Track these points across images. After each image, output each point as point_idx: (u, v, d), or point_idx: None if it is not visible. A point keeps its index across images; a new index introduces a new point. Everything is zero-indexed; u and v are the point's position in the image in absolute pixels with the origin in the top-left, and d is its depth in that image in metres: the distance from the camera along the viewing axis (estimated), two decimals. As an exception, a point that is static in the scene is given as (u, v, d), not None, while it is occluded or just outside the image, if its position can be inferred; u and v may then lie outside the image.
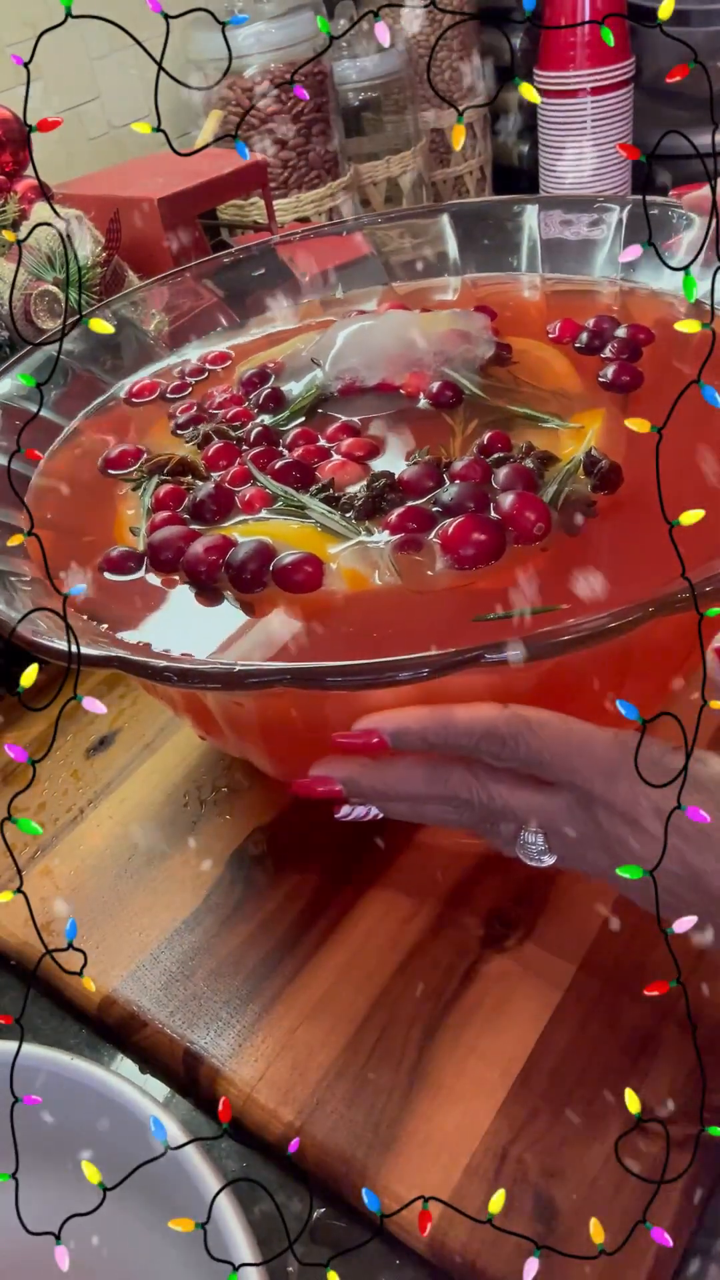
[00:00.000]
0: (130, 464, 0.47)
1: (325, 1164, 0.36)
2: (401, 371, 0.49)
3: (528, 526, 0.37)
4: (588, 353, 0.50)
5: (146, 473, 0.45)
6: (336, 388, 0.49)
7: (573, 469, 0.40)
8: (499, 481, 0.40)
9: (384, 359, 0.49)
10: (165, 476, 0.44)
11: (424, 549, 0.38)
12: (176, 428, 0.49)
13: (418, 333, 0.50)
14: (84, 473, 0.48)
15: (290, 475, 0.42)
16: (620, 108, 1.05)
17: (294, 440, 0.46)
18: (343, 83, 1.05)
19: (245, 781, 0.51)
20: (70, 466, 0.49)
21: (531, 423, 0.45)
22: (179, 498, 0.43)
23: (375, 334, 0.50)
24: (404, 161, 1.09)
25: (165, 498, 0.43)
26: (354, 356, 0.49)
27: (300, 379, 0.51)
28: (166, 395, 0.54)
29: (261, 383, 0.51)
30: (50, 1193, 0.30)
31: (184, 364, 0.56)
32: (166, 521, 0.41)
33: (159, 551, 0.39)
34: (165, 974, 0.43)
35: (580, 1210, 0.33)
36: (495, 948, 0.41)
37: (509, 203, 0.61)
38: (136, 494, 0.45)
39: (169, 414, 0.51)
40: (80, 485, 0.47)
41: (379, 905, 0.44)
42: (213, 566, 0.38)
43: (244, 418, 0.49)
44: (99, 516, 0.44)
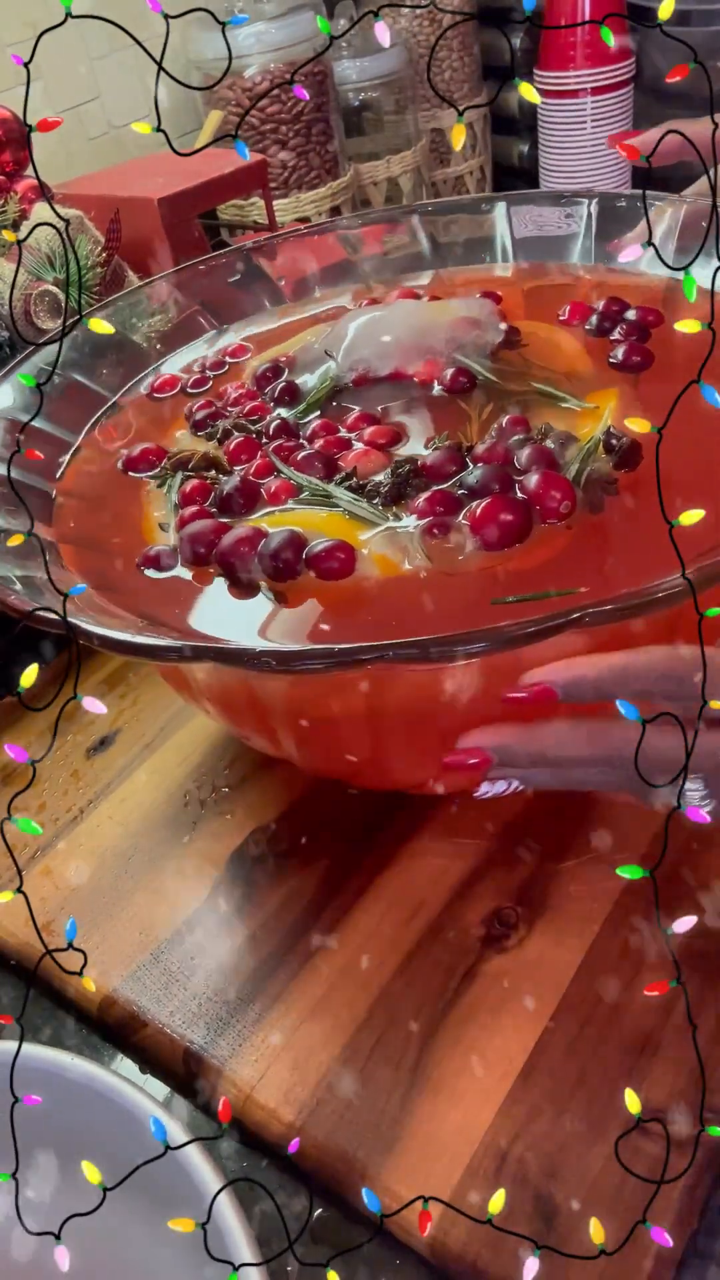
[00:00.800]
0: (152, 462, 0.47)
1: (325, 1164, 0.36)
2: (414, 360, 0.49)
3: (554, 505, 0.38)
4: (598, 335, 0.51)
5: (170, 470, 0.46)
6: (350, 379, 0.49)
7: (592, 448, 0.41)
8: (521, 463, 0.41)
9: (396, 348, 0.49)
10: (189, 473, 0.45)
11: (452, 531, 0.38)
12: (195, 425, 0.50)
13: (428, 321, 0.51)
14: (107, 474, 0.48)
15: (313, 466, 0.43)
16: (620, 108, 1.05)
17: (314, 432, 0.46)
18: (343, 83, 1.04)
19: (245, 781, 0.51)
20: (99, 464, 0.49)
21: (548, 403, 0.45)
22: (205, 493, 0.43)
23: (386, 324, 0.51)
24: (404, 161, 1.09)
25: (191, 493, 0.43)
26: (366, 347, 0.50)
27: (312, 371, 0.51)
28: (188, 389, 0.54)
29: (275, 377, 0.51)
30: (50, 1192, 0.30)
31: (203, 359, 0.57)
32: (195, 516, 0.41)
33: (190, 545, 0.39)
34: (165, 974, 0.43)
35: (580, 1210, 0.33)
36: (495, 948, 0.41)
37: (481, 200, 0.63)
38: (162, 491, 0.45)
39: (186, 412, 0.51)
40: (105, 487, 0.47)
41: (379, 905, 0.44)
42: (245, 557, 0.38)
43: (261, 412, 0.49)
44: (127, 517, 0.45)
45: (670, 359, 0.47)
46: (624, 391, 0.45)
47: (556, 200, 0.60)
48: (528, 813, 0.46)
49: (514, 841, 0.45)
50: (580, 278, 0.58)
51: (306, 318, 0.60)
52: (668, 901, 0.28)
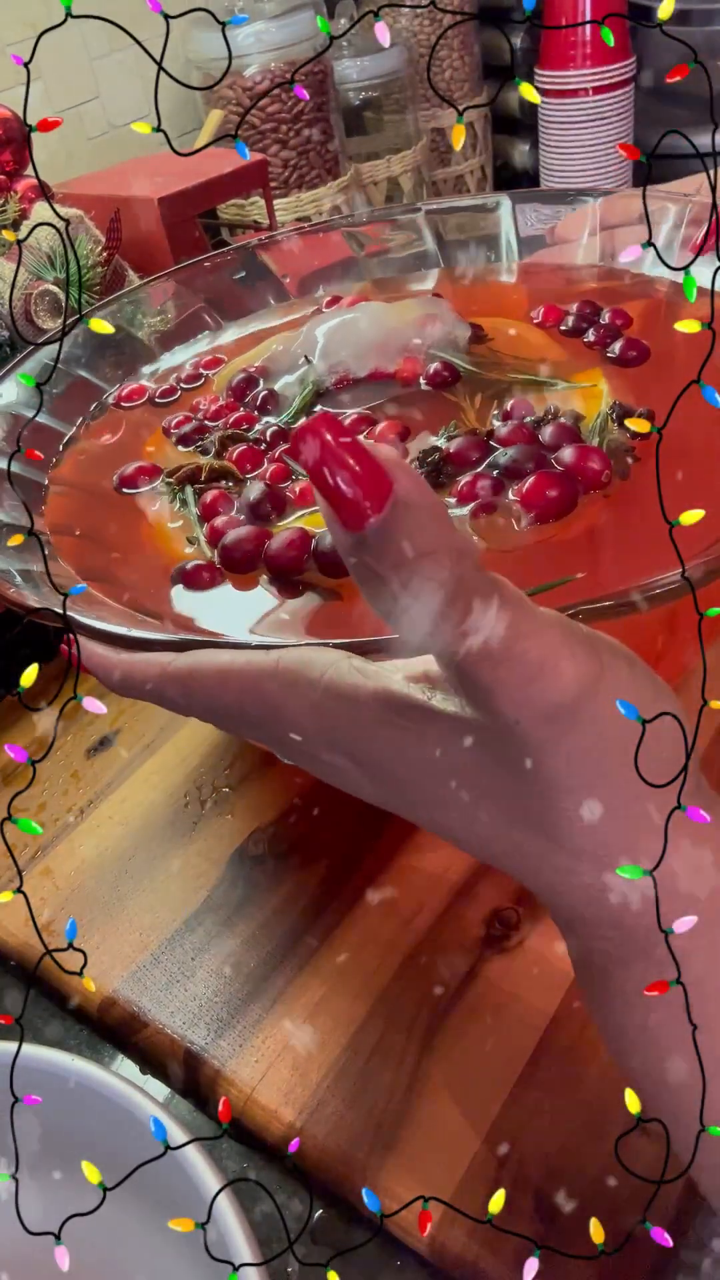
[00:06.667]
0: (146, 481, 0.46)
1: (325, 1164, 0.36)
2: (391, 358, 0.49)
3: (595, 474, 0.39)
4: (573, 335, 0.51)
5: (178, 484, 0.44)
6: (330, 381, 0.49)
7: (604, 420, 0.42)
8: (546, 440, 0.41)
9: (371, 349, 0.49)
10: (203, 484, 0.44)
11: (498, 510, 0.39)
12: (181, 440, 0.49)
13: (396, 320, 0.51)
14: (99, 489, 0.47)
15: None
16: (620, 108, 1.05)
17: None
18: (343, 83, 1.04)
19: (245, 781, 0.51)
20: (80, 479, 0.48)
21: (537, 388, 0.46)
22: (227, 502, 0.43)
23: (357, 326, 0.51)
24: (404, 161, 1.08)
25: (214, 503, 0.42)
26: (342, 350, 0.50)
27: (287, 379, 0.51)
28: (155, 400, 0.53)
29: (250, 387, 0.51)
30: (50, 1193, 0.30)
31: (178, 369, 0.56)
32: (229, 525, 0.40)
33: (232, 552, 0.39)
34: (166, 974, 0.43)
35: (580, 1210, 0.33)
36: (495, 948, 0.41)
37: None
38: (173, 506, 0.44)
39: (164, 428, 0.50)
40: (96, 503, 0.46)
41: (380, 905, 0.44)
42: (296, 559, 0.38)
43: (247, 421, 0.48)
44: (123, 532, 0.44)
45: (661, 353, 0.48)
46: (607, 371, 0.47)
47: (561, 198, 0.60)
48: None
49: (514, 841, 0.45)
50: (580, 276, 0.58)
51: (302, 317, 0.60)
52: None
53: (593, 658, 0.23)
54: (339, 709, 0.25)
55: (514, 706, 0.22)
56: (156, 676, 0.29)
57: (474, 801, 0.25)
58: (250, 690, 0.26)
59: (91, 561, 0.41)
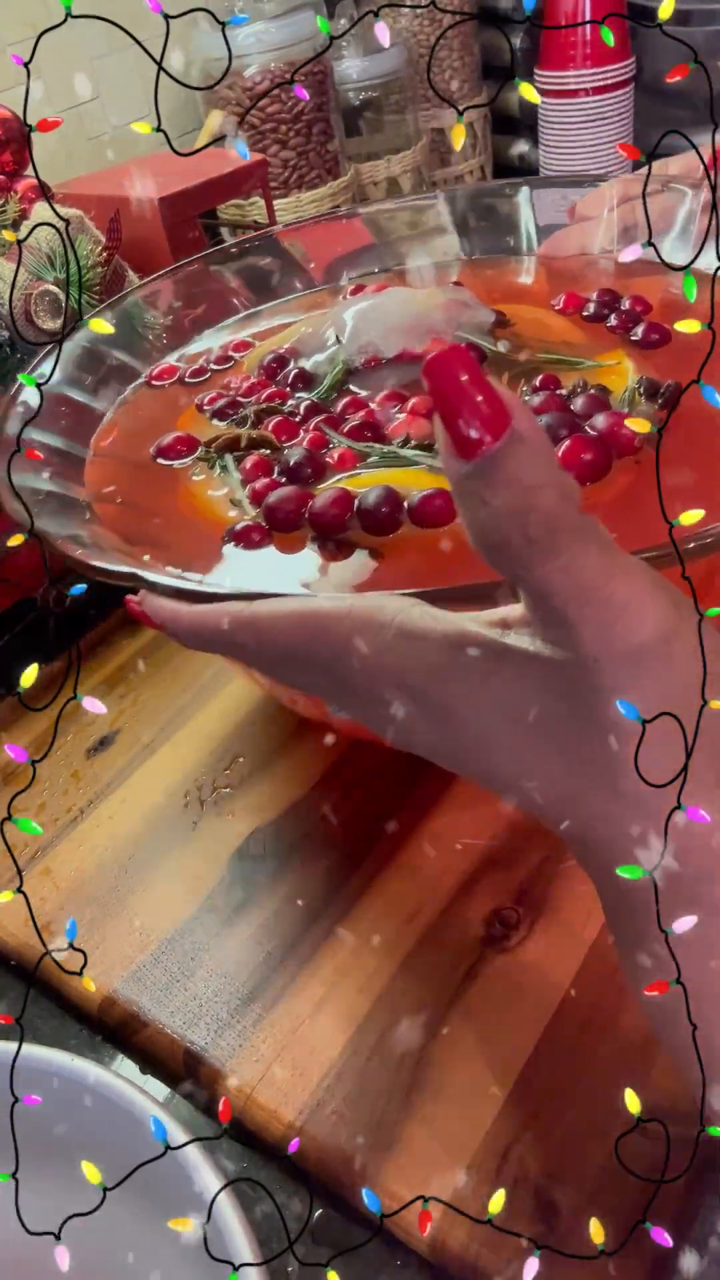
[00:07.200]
0: (183, 451, 0.48)
1: (325, 1164, 0.36)
2: (419, 340, 0.51)
3: (628, 441, 0.40)
4: (594, 320, 0.53)
5: (217, 452, 0.46)
6: (360, 361, 0.51)
7: (631, 394, 0.43)
8: (578, 409, 0.43)
9: (399, 330, 0.51)
10: (241, 452, 0.46)
11: None
12: (217, 414, 0.50)
13: (423, 304, 0.52)
14: (137, 461, 0.48)
15: (364, 435, 0.45)
16: (620, 108, 1.05)
17: (344, 410, 0.47)
18: (343, 83, 1.04)
19: (245, 781, 0.51)
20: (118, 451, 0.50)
21: (563, 368, 0.48)
22: (267, 467, 0.44)
23: (385, 309, 0.53)
24: (404, 161, 1.08)
25: (254, 469, 0.44)
26: (371, 331, 0.51)
27: (314, 359, 0.53)
28: (185, 379, 0.55)
29: (282, 366, 0.53)
30: (50, 1193, 0.30)
31: (207, 352, 0.58)
32: (270, 487, 0.42)
33: (276, 511, 0.40)
34: (166, 974, 0.43)
35: (580, 1210, 0.33)
36: (495, 948, 0.41)
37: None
38: (213, 473, 0.46)
39: (197, 404, 0.52)
40: (135, 473, 0.48)
41: (380, 905, 0.44)
42: (340, 517, 0.39)
43: (280, 397, 0.50)
44: (163, 500, 0.45)
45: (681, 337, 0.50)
46: (629, 352, 0.48)
47: (579, 185, 0.61)
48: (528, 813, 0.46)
49: (514, 841, 0.45)
50: (598, 264, 0.59)
51: (328, 302, 0.61)
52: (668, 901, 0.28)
53: (673, 607, 0.24)
54: (410, 649, 0.26)
55: (596, 644, 0.23)
56: (230, 622, 0.30)
57: (533, 744, 0.25)
58: (322, 633, 0.27)
59: (134, 529, 0.42)
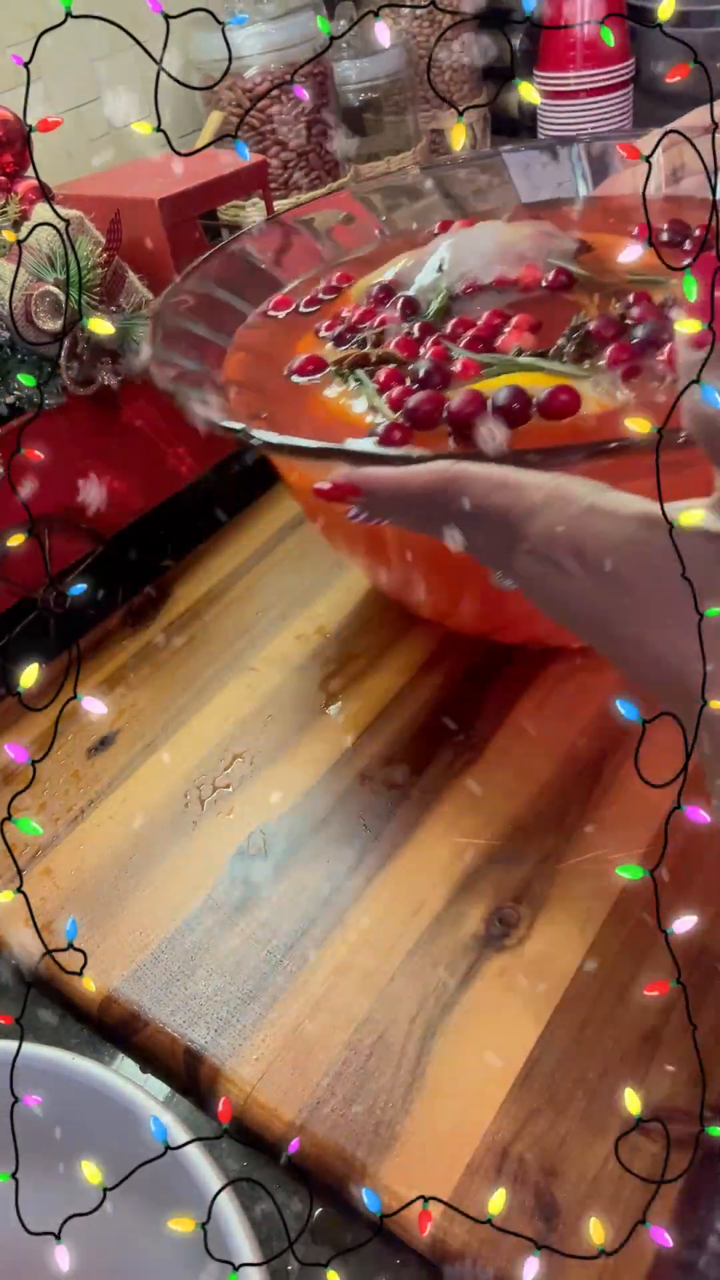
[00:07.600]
0: (313, 370, 0.52)
1: (325, 1164, 0.36)
2: (514, 266, 0.55)
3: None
4: (669, 247, 0.55)
5: (349, 368, 0.50)
6: (461, 287, 0.55)
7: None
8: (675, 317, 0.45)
9: (495, 258, 0.56)
10: (372, 366, 0.49)
11: (644, 373, 0.45)
12: (337, 339, 0.54)
13: (513, 235, 0.57)
14: (268, 385, 0.52)
15: (479, 347, 0.48)
16: (620, 108, 1.05)
17: (455, 329, 0.51)
18: (343, 83, 1.04)
19: (245, 781, 0.51)
20: (247, 377, 0.54)
21: (650, 285, 0.51)
22: (399, 378, 0.48)
23: (479, 240, 0.58)
24: (404, 162, 1.08)
25: (388, 379, 0.48)
26: (469, 260, 0.56)
27: (417, 285, 0.56)
28: (300, 310, 0.59)
29: (388, 296, 0.56)
30: (50, 1193, 0.30)
31: (314, 284, 0.62)
32: (405, 394, 0.45)
33: (417, 411, 0.44)
34: (166, 974, 0.43)
35: (580, 1210, 0.33)
36: (495, 947, 0.41)
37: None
38: (347, 386, 0.49)
39: (315, 330, 0.56)
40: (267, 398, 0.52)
41: (379, 904, 0.44)
42: (474, 414, 0.42)
43: (391, 322, 0.54)
44: (302, 414, 0.49)
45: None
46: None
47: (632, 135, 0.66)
48: (528, 812, 0.46)
49: (514, 841, 0.45)
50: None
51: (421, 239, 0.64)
52: (668, 901, 0.28)
53: None
54: (597, 522, 0.28)
55: None
56: (437, 477, 0.32)
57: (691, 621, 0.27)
58: (519, 498, 0.30)
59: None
